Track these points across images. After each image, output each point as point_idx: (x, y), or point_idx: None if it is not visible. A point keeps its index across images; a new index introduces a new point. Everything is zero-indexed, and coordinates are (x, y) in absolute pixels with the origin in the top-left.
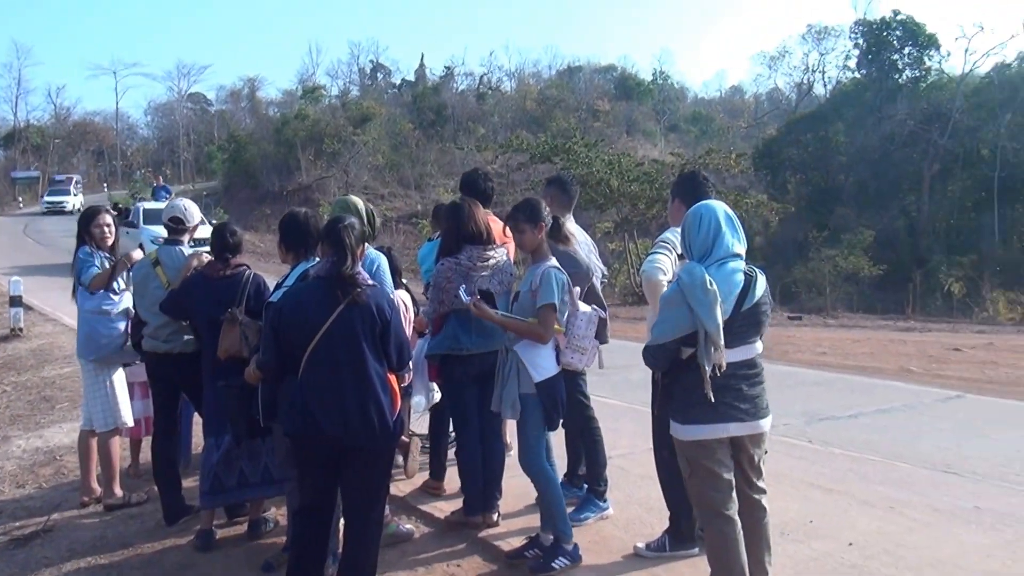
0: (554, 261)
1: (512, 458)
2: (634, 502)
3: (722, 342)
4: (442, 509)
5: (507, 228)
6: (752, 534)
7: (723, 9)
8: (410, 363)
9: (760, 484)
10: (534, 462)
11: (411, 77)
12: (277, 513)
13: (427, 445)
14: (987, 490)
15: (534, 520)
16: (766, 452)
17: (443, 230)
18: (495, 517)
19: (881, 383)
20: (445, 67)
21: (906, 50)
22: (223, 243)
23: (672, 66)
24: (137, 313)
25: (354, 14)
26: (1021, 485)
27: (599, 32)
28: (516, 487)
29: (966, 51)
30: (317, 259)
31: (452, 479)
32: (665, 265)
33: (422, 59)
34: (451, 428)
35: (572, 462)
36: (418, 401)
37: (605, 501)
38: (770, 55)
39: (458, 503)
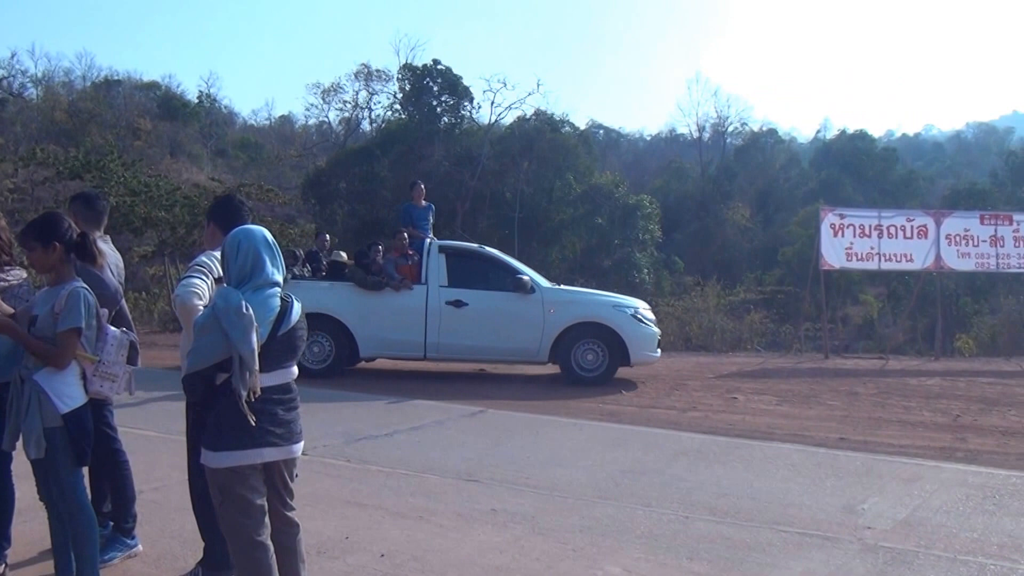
0: (81, 282)
1: (21, 502)
2: (167, 535)
3: (257, 367)
4: None
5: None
6: (287, 553)
7: (271, 37)
8: None
9: (292, 503)
10: (74, 500)
11: None
12: None
13: None
14: (502, 493)
15: (48, 568)
16: (297, 475)
17: None
18: (2, 568)
19: (416, 403)
20: None
21: (444, 98)
22: None
23: (220, 90)
24: None
25: None
26: (528, 487)
27: (140, 45)
28: (28, 533)
29: (492, 104)
30: None
31: None
32: (201, 289)
33: None
34: None
35: (96, 499)
36: None
37: (133, 538)
38: (324, 87)
39: None
